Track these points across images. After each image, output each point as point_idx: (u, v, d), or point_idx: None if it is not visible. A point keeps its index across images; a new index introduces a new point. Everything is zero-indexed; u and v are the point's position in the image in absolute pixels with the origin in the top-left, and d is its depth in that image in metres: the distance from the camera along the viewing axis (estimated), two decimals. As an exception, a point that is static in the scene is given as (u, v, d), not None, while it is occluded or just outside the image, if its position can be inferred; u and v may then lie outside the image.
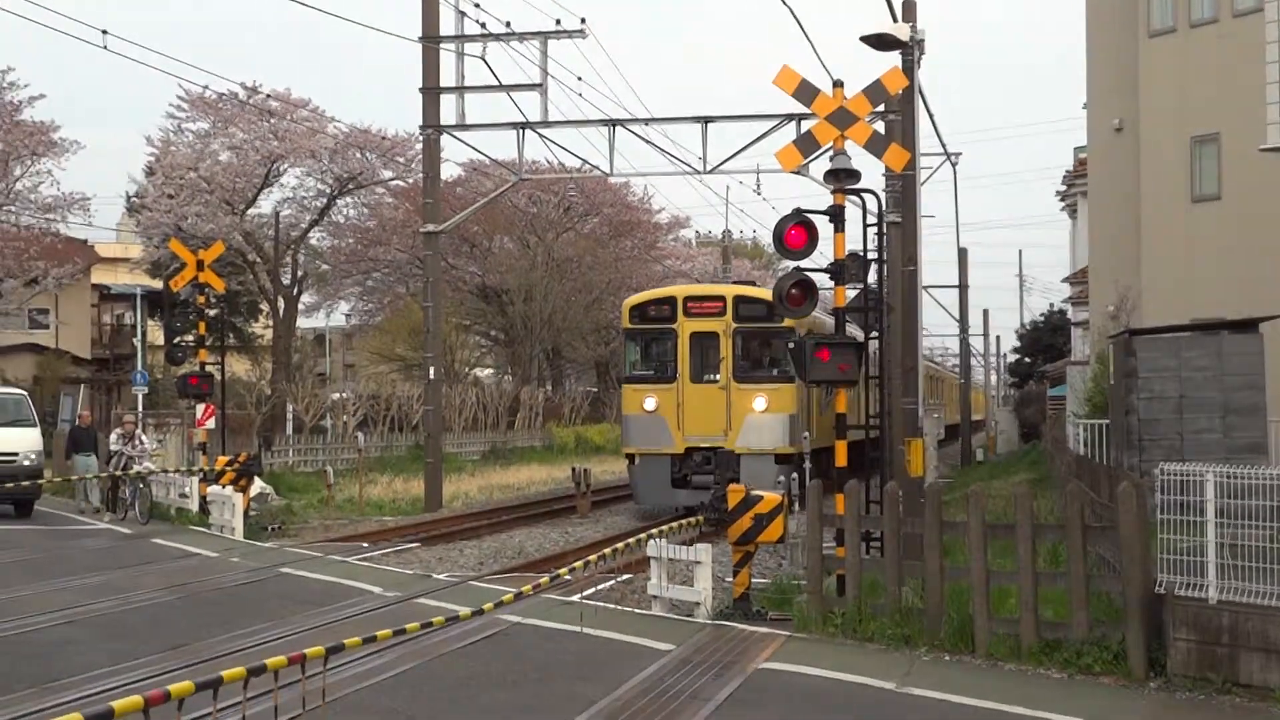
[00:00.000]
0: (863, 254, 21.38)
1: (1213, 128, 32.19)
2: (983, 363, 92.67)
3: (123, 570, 21.64)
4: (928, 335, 57.07)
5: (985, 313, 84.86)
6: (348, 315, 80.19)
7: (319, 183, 60.28)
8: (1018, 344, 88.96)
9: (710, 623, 16.45)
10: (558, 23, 34.37)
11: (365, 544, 26.39)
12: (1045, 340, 77.90)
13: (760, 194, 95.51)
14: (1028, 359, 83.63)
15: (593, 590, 18.85)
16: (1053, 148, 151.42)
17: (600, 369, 78.83)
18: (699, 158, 33.88)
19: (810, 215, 17.06)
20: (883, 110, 27.35)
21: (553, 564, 22.17)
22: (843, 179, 17.06)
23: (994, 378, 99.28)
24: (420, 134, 36.36)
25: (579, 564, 15.84)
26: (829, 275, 17.29)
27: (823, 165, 17.97)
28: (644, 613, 17.41)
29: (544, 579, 15.04)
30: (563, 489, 38.90)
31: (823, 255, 22.43)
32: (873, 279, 23.40)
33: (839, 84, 17.16)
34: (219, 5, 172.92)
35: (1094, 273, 39.09)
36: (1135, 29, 34.56)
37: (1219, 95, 31.97)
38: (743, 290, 32.79)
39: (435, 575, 21.52)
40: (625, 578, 20.18)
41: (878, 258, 21.70)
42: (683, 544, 17.50)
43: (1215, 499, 12.85)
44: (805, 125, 25.77)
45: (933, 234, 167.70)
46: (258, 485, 30.82)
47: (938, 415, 55.15)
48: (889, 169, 23.05)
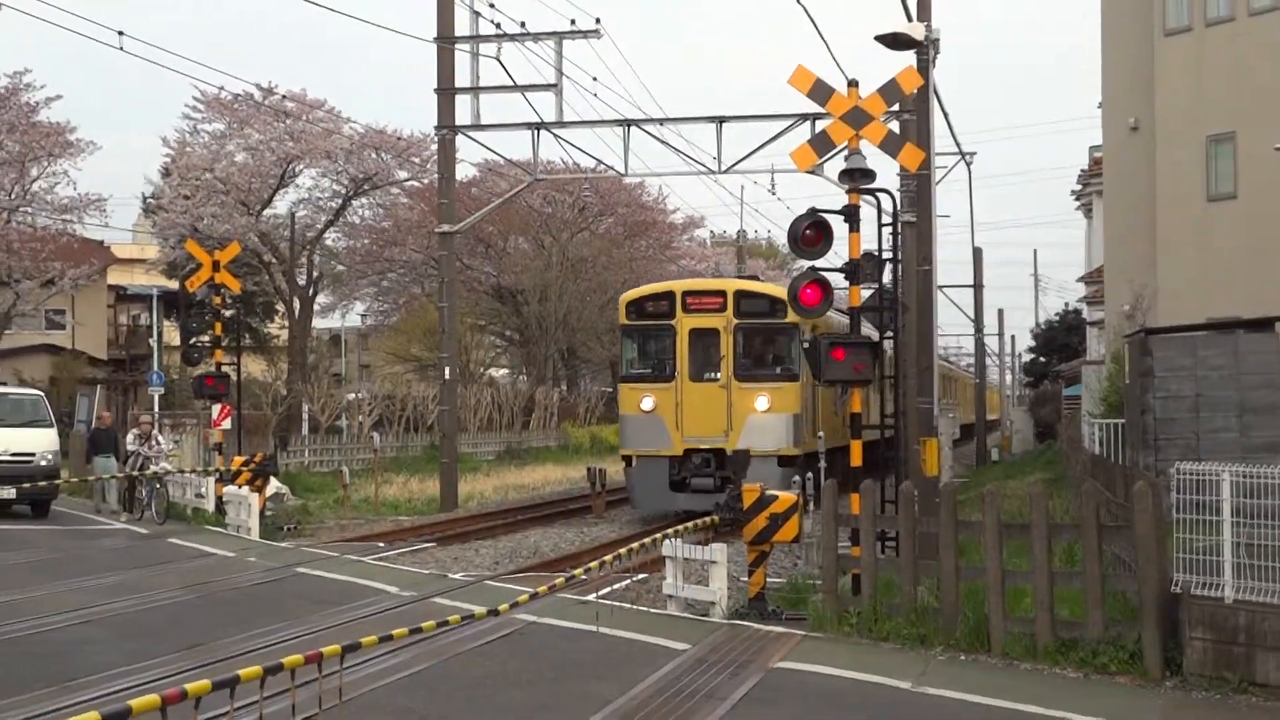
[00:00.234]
0: (878, 254, 21.38)
1: (1228, 127, 32.16)
2: (998, 362, 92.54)
3: (139, 570, 21.69)
4: (943, 335, 57.07)
5: (1000, 312, 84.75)
6: (363, 315, 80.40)
7: (334, 183, 60.44)
8: (1033, 343, 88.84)
9: (725, 622, 16.46)
10: (572, 23, 34.42)
11: (381, 544, 26.42)
12: (1060, 340, 77.79)
13: (775, 194, 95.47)
14: (1043, 358, 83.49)
15: (608, 590, 18.90)
16: (1068, 147, 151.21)
17: (615, 369, 78.82)
18: (714, 157, 33.90)
19: (825, 215, 17.07)
20: (897, 110, 27.34)
21: (568, 564, 22.18)
22: (857, 178, 17.05)
23: (1009, 377, 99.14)
24: (435, 134, 36.41)
25: (594, 564, 15.85)
26: (844, 275, 17.29)
27: (837, 165, 17.95)
28: (659, 612, 17.42)
29: (559, 579, 15.05)
30: (578, 489, 38.92)
31: (838, 255, 22.44)
32: (888, 279, 23.40)
33: (853, 83, 17.16)
34: (233, 5, 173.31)
35: (1109, 272, 39.03)
36: (1151, 28, 34.52)
37: (1235, 94, 31.93)
38: (744, 284, 31.78)
39: (451, 575, 21.54)
40: (641, 577, 20.18)
41: (893, 257, 21.69)
42: (698, 544, 17.51)
43: (1231, 498, 12.83)
44: (820, 125, 25.79)
45: (947, 233, 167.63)
46: (273, 485, 30.87)
47: (953, 415, 55.04)
48: (904, 168, 23.03)
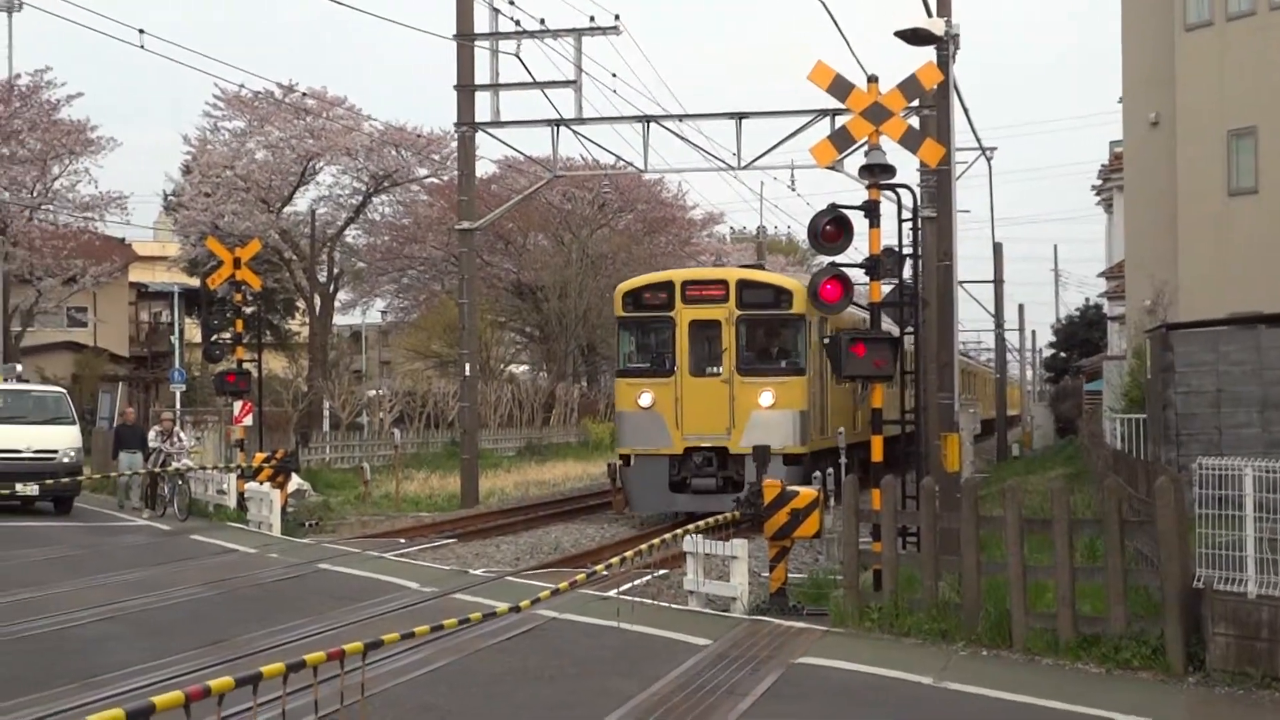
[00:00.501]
0: (898, 249, 21.36)
1: (1250, 121, 32.05)
2: (1018, 358, 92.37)
3: (161, 566, 21.76)
4: (963, 330, 57.01)
5: (1020, 307, 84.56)
6: (383, 312, 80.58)
7: (355, 180, 60.57)
8: (1053, 339, 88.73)
9: (747, 618, 16.46)
10: (591, 20, 34.49)
11: (402, 540, 26.46)
12: (1081, 335, 77.68)
13: (795, 190, 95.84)
14: (1063, 354, 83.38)
15: (629, 585, 18.88)
16: (1088, 142, 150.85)
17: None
18: (733, 153, 33.88)
19: (845, 211, 17.05)
20: (917, 105, 27.31)
21: (589, 559, 22.24)
22: (877, 174, 17.03)
23: (1030, 373, 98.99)
24: (455, 131, 36.46)
25: (615, 559, 15.85)
26: (864, 270, 17.26)
27: (857, 160, 17.95)
28: (680, 608, 17.42)
29: (580, 575, 15.05)
30: (598, 485, 38.93)
31: (858, 250, 22.41)
32: (908, 274, 23.38)
33: (873, 79, 17.12)
34: (255, 3, 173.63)
35: (1130, 267, 38.92)
36: (1171, 22, 34.41)
37: (1256, 89, 31.82)
38: (747, 274, 30.44)
39: (472, 571, 21.57)
40: (661, 573, 20.17)
41: (913, 253, 21.67)
42: (719, 540, 17.51)
43: (1254, 493, 12.79)
44: (840, 121, 25.74)
45: (967, 229, 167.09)
46: (295, 482, 30.96)
47: (974, 410, 54.98)
48: (924, 164, 22.99)
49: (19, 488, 29.18)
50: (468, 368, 35.90)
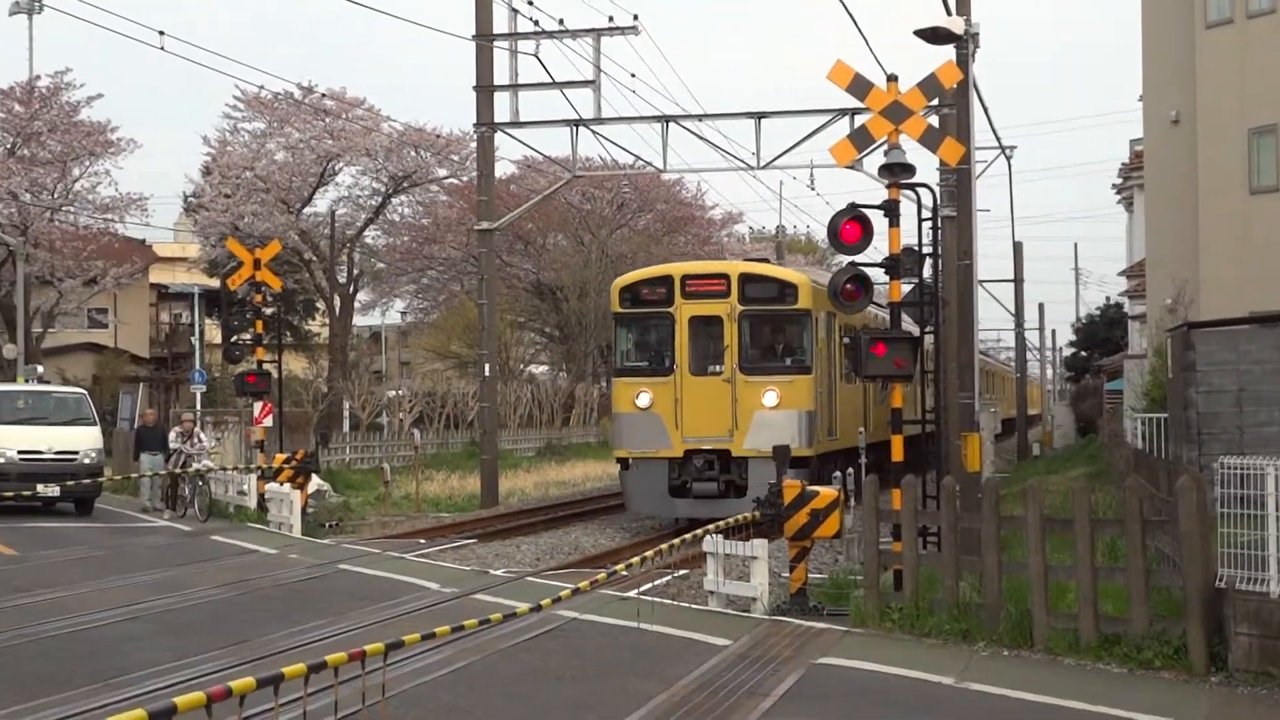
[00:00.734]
0: (918, 248, 21.32)
1: (1270, 119, 31.96)
2: (1038, 357, 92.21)
3: (182, 567, 21.82)
4: (983, 329, 56.92)
5: (1041, 307, 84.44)
6: (403, 313, 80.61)
7: (374, 181, 60.60)
8: (1074, 338, 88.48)
9: (767, 618, 16.45)
10: (610, 20, 34.46)
11: (422, 540, 26.49)
12: (1102, 334, 77.39)
13: (814, 189, 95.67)
14: (1084, 353, 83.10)
15: (649, 586, 18.91)
16: (1108, 141, 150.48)
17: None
18: (752, 153, 33.84)
19: (865, 210, 17.02)
20: (937, 104, 27.26)
21: (609, 560, 22.24)
22: (897, 173, 17.00)
23: (1050, 372, 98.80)
24: (474, 132, 36.47)
25: (635, 560, 15.83)
26: (884, 270, 17.24)
27: (877, 160, 17.91)
28: (700, 608, 17.42)
29: (601, 575, 15.04)
30: (618, 485, 38.85)
31: (877, 250, 22.39)
32: (928, 273, 23.34)
33: (893, 78, 17.09)
34: (274, 4, 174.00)
35: (1151, 266, 38.82)
36: (1191, 20, 34.31)
37: (1277, 87, 31.73)
38: (750, 267, 29.03)
39: (492, 571, 21.57)
40: (681, 573, 20.15)
41: (933, 252, 21.63)
42: (739, 540, 17.49)
43: (1276, 492, 12.75)
44: (859, 120, 25.69)
45: (987, 228, 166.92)
46: (315, 482, 31.01)
47: (994, 410, 54.91)
48: (943, 163, 22.96)
49: (40, 489, 29.26)
50: (487, 368, 35.92)
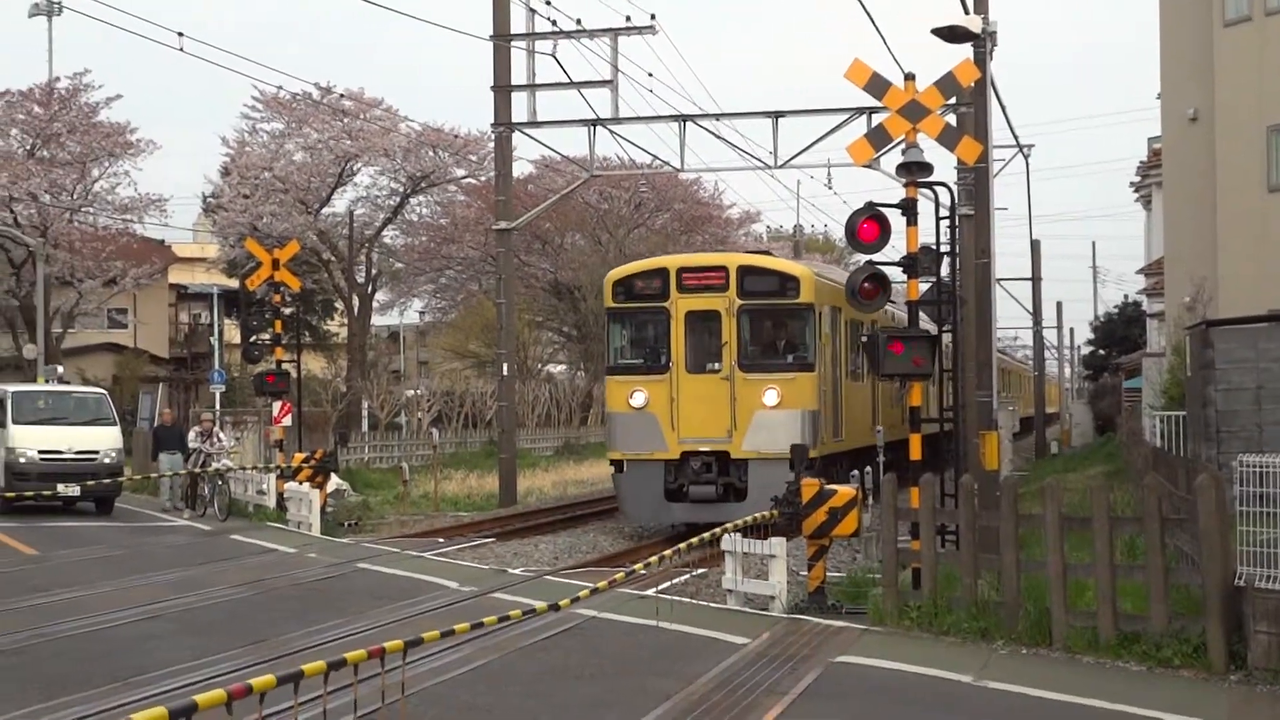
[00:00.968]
0: (935, 247, 21.30)
1: (1290, 116, 31.84)
2: (1056, 355, 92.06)
3: (202, 566, 21.88)
4: (1001, 328, 56.84)
5: (1059, 305, 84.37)
6: (421, 312, 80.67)
7: (392, 181, 60.69)
8: (1092, 336, 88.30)
9: (785, 616, 16.46)
10: (628, 19, 34.50)
11: (441, 539, 26.55)
12: (1120, 332, 77.19)
13: (831, 188, 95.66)
14: (1102, 351, 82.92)
15: (668, 584, 18.94)
16: (1126, 138, 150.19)
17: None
18: (770, 152, 33.89)
19: (882, 209, 17.03)
20: (954, 102, 27.23)
21: (627, 559, 22.27)
22: (915, 172, 17.00)
23: (1068, 370, 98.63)
24: (492, 132, 36.55)
25: (654, 559, 15.86)
26: (902, 269, 17.24)
27: (894, 158, 17.92)
28: (719, 606, 17.44)
29: (619, 574, 15.07)
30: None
31: (895, 249, 22.37)
32: (945, 272, 23.31)
33: (910, 77, 17.09)
34: (293, 3, 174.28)
35: (1169, 264, 38.72)
36: (1209, 18, 34.22)
37: (1296, 83, 31.62)
38: (749, 259, 27.90)
39: (511, 570, 21.62)
40: (700, 572, 20.16)
41: (950, 250, 21.59)
42: (757, 538, 17.50)
43: (1296, 491, 12.74)
44: (876, 119, 25.69)
45: (1005, 226, 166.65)
46: (334, 482, 31.07)
47: (1012, 408, 54.85)
48: (961, 161, 22.92)
49: (61, 488, 29.39)
50: (505, 367, 35.96)
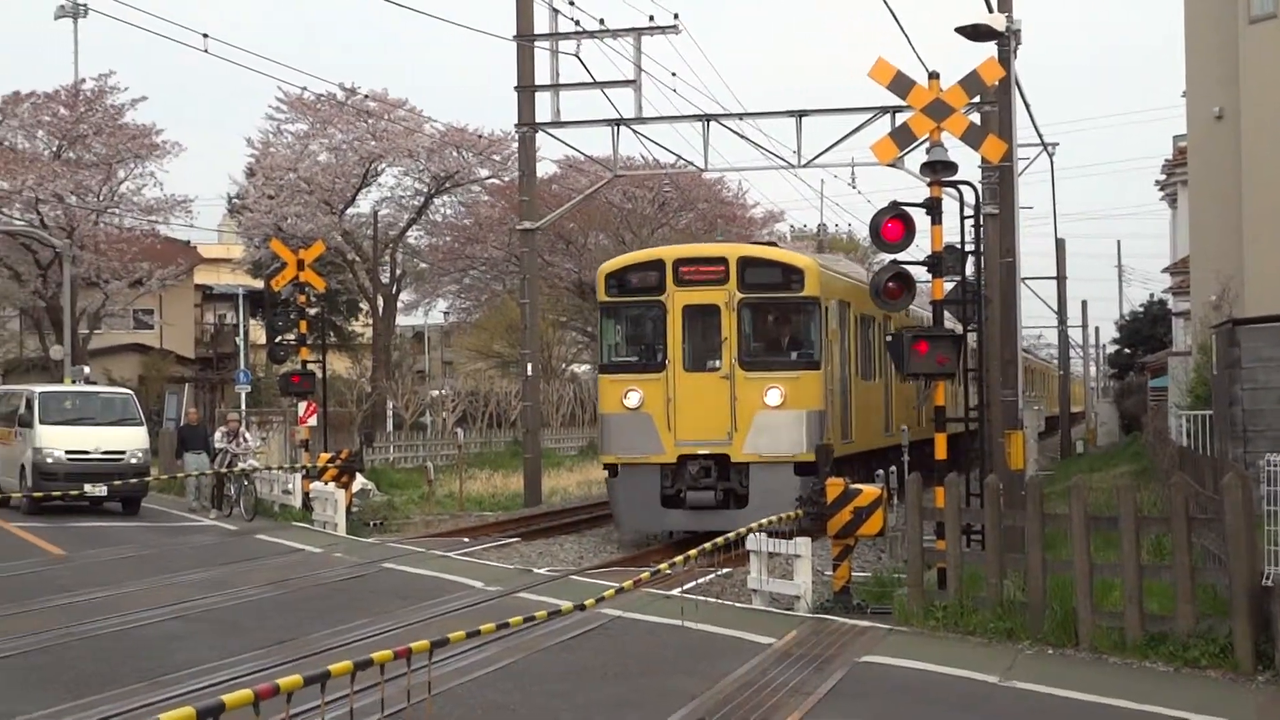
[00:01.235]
0: (960, 246, 21.28)
1: (1316, 114, 31.69)
2: (1082, 354, 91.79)
3: (228, 566, 21.94)
4: (1026, 327, 56.70)
5: (1084, 304, 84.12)
6: (446, 313, 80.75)
7: (416, 182, 60.83)
8: (1117, 335, 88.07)
9: (810, 616, 16.45)
10: (651, 19, 34.45)
11: (466, 539, 26.58)
12: (1145, 331, 77.00)
13: (855, 187, 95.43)
14: (1128, 350, 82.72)
15: (693, 584, 18.92)
16: (1152, 137, 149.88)
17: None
18: (793, 151, 33.79)
19: (907, 208, 17.01)
20: (978, 101, 27.17)
21: (652, 558, 22.25)
22: (939, 171, 16.97)
23: (1093, 369, 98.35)
24: (516, 132, 36.56)
25: (679, 558, 15.85)
26: (926, 268, 17.22)
27: (918, 157, 17.88)
28: (744, 606, 17.43)
29: (644, 573, 15.07)
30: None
31: (919, 248, 22.30)
32: (970, 271, 23.28)
33: (934, 76, 17.06)
34: (316, 5, 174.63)
35: (1195, 262, 38.57)
36: (1235, 15, 34.08)
37: (1323, 81, 31.47)
38: (750, 250, 26.36)
39: (536, 570, 21.65)
40: (725, 572, 20.13)
41: (975, 250, 21.58)
42: (782, 538, 17.49)
43: (1323, 490, 12.69)
44: (900, 118, 25.65)
45: (1030, 225, 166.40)
46: (360, 482, 31.16)
47: (1037, 408, 54.69)
48: (985, 160, 22.89)
49: (88, 488, 29.46)
50: (530, 367, 35.97)
